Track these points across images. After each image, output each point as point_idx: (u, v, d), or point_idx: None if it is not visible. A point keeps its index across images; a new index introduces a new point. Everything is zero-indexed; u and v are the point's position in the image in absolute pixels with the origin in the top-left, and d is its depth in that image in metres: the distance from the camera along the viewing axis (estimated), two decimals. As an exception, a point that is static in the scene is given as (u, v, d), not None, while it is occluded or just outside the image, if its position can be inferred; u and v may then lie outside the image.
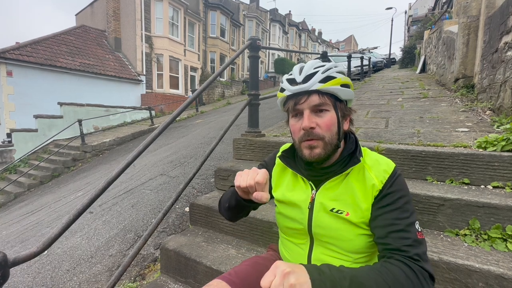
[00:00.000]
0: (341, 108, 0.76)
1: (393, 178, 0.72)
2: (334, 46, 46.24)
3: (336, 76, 0.72)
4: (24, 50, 9.02)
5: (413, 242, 0.65)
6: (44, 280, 2.02)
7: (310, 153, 0.73)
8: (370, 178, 0.73)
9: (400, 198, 0.70)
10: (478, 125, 2.19)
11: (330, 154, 0.75)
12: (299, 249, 0.82)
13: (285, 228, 0.85)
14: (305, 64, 0.76)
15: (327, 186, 0.78)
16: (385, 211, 0.69)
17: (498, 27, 2.49)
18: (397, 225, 0.67)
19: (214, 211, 1.76)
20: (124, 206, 2.94)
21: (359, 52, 16.00)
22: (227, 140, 4.17)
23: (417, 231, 0.67)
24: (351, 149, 0.78)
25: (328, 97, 0.72)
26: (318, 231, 0.77)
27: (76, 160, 7.29)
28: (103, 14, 13.43)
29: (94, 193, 1.03)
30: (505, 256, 1.07)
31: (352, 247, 0.74)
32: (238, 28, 20.54)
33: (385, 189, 0.71)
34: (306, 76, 0.72)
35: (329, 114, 0.73)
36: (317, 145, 0.72)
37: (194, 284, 1.48)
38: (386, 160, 0.77)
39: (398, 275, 0.60)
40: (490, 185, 1.41)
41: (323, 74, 0.72)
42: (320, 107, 0.72)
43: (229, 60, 2.05)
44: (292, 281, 0.52)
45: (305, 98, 0.72)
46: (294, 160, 0.85)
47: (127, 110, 10.55)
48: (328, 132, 0.73)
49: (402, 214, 0.68)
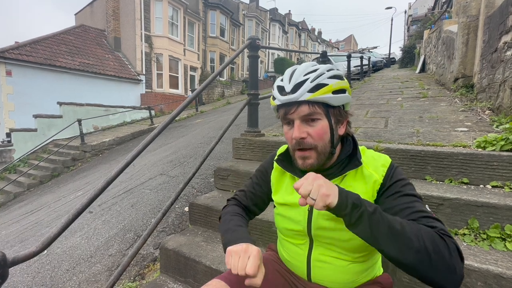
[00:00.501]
0: (335, 114, 0.73)
1: (392, 170, 0.73)
2: (333, 46, 46.22)
3: (328, 83, 0.69)
4: (23, 50, 9.00)
5: (433, 220, 0.62)
6: (43, 280, 2.02)
7: (303, 163, 0.74)
8: (370, 174, 0.73)
9: (405, 186, 0.70)
10: (477, 124, 2.19)
11: (323, 162, 0.74)
12: (298, 249, 0.82)
13: (284, 229, 0.85)
14: (296, 68, 0.73)
15: None
16: (394, 199, 0.69)
17: (497, 26, 2.49)
18: (412, 208, 0.65)
19: (214, 211, 1.76)
20: (124, 206, 2.94)
21: (358, 51, 16.00)
22: (226, 140, 4.17)
23: (430, 212, 0.66)
24: (348, 151, 0.78)
25: (319, 106, 0.70)
26: (317, 233, 0.76)
27: (75, 159, 7.29)
28: (102, 13, 13.41)
29: (93, 193, 1.03)
30: (503, 255, 1.07)
31: (351, 246, 0.74)
32: (238, 27, 20.52)
33: (387, 182, 0.71)
34: (295, 86, 0.69)
35: (321, 123, 0.71)
36: (310, 155, 0.72)
37: (193, 284, 1.48)
38: (383, 156, 0.78)
39: (433, 235, 0.57)
40: (489, 184, 1.41)
41: (312, 82, 0.68)
42: (310, 116, 0.70)
43: (229, 59, 2.04)
44: (321, 182, 0.60)
45: (294, 109, 0.70)
46: (291, 163, 0.83)
47: (126, 109, 10.54)
48: (320, 141, 0.71)
49: (412, 198, 0.68)
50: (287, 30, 28.34)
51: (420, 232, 0.57)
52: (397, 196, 0.69)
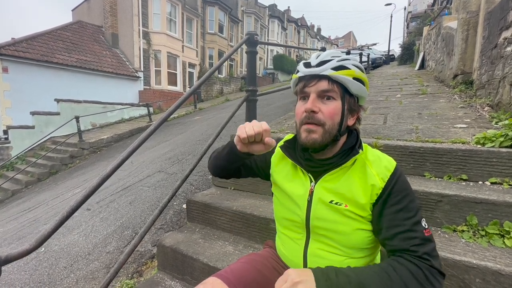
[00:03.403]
0: (349, 101, 0.74)
1: (395, 177, 0.71)
2: (333, 43, 46.06)
3: (351, 68, 0.72)
4: (20, 46, 8.90)
5: (421, 241, 0.64)
6: (41, 277, 2.01)
7: (306, 136, 0.73)
8: (371, 174, 0.72)
9: (404, 197, 0.69)
10: (477, 121, 2.19)
11: (326, 144, 0.73)
12: (295, 244, 0.82)
13: (283, 219, 0.85)
14: (324, 52, 0.77)
15: (326, 179, 0.77)
16: (390, 212, 0.69)
17: (497, 22, 2.47)
18: (403, 226, 0.66)
19: (212, 208, 1.75)
20: (122, 203, 2.93)
21: (358, 48, 15.93)
22: (225, 137, 4.15)
23: (424, 228, 0.66)
24: (352, 143, 0.78)
25: (338, 85, 0.72)
26: (316, 223, 0.76)
27: (73, 157, 7.25)
28: (100, 9, 13.26)
29: (88, 190, 1.01)
30: (502, 252, 1.06)
31: (348, 242, 0.73)
32: (237, 24, 20.38)
33: (387, 189, 0.70)
34: (321, 61, 0.72)
35: (335, 103, 0.72)
36: (316, 130, 0.72)
37: (190, 281, 1.47)
38: (388, 158, 0.77)
39: (405, 277, 0.60)
40: (488, 181, 1.41)
41: (338, 62, 0.71)
42: (327, 93, 0.71)
43: (226, 55, 2.02)
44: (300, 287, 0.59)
45: (314, 82, 0.72)
46: (295, 151, 0.85)
47: (124, 107, 10.47)
48: (330, 120, 0.71)
49: (407, 214, 0.67)
50: (286, 27, 28.17)
51: None
52: (393, 211, 0.68)
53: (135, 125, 9.22)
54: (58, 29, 11.14)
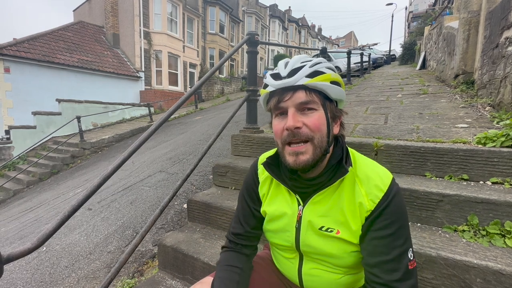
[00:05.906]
0: (331, 108, 0.67)
1: (387, 198, 0.63)
2: (334, 43, 46.02)
3: (326, 72, 0.64)
4: (21, 46, 8.94)
5: (402, 275, 0.60)
6: (42, 277, 2.02)
7: (295, 160, 0.64)
8: (359, 194, 0.66)
9: (395, 221, 0.62)
10: (478, 121, 2.18)
11: (318, 161, 0.65)
12: (289, 262, 0.80)
13: (274, 243, 0.82)
14: (291, 59, 0.68)
15: (314, 201, 0.71)
16: (376, 236, 0.63)
17: (499, 22, 2.47)
18: (387, 255, 0.61)
19: (212, 208, 1.75)
20: (123, 203, 2.94)
21: (359, 48, 15.91)
22: (225, 137, 4.15)
23: (409, 260, 0.62)
24: (339, 155, 0.70)
25: (316, 94, 0.64)
26: (306, 249, 0.73)
27: (75, 157, 7.28)
28: (101, 9, 13.30)
29: (89, 190, 1.02)
30: (503, 252, 1.06)
31: (343, 263, 0.70)
32: (238, 24, 20.39)
33: (377, 210, 0.63)
34: (291, 70, 0.64)
35: (318, 113, 0.64)
36: (304, 150, 0.63)
37: (191, 281, 1.48)
38: (381, 174, 0.67)
39: None
40: (489, 181, 1.40)
41: (311, 68, 0.64)
42: (307, 105, 0.63)
43: (227, 55, 2.02)
44: None
45: (290, 95, 0.63)
46: (279, 168, 0.76)
47: (126, 107, 10.50)
48: (318, 132, 0.63)
49: (395, 242, 0.62)
50: (287, 27, 28.17)
51: None
52: (380, 236, 0.63)
53: (136, 125, 9.25)
54: (60, 29, 11.19)
